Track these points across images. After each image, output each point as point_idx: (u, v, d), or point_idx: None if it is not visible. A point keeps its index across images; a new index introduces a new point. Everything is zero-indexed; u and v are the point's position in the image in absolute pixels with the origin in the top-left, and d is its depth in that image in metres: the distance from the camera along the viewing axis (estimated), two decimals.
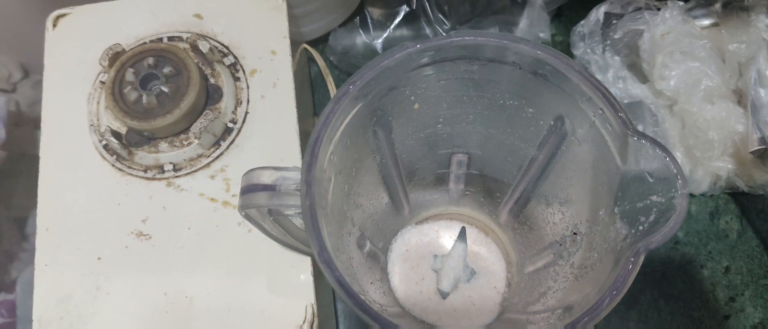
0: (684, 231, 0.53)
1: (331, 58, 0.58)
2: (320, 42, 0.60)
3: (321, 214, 0.29)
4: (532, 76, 0.32)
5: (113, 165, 0.43)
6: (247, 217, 0.32)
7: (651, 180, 0.28)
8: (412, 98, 0.34)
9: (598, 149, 0.31)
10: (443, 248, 0.47)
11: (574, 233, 0.36)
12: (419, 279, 0.45)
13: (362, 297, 0.31)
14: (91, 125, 0.45)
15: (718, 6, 0.55)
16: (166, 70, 0.42)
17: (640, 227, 0.28)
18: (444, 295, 0.44)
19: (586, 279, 0.32)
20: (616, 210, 0.31)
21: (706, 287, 0.51)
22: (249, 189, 0.31)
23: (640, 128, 0.53)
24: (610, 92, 0.29)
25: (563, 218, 0.38)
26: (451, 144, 0.40)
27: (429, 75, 0.33)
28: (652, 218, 0.28)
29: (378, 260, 0.44)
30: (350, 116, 0.31)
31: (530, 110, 0.35)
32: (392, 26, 0.54)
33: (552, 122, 0.34)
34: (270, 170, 0.31)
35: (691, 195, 0.53)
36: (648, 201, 0.29)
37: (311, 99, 0.57)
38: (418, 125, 0.37)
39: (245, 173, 0.31)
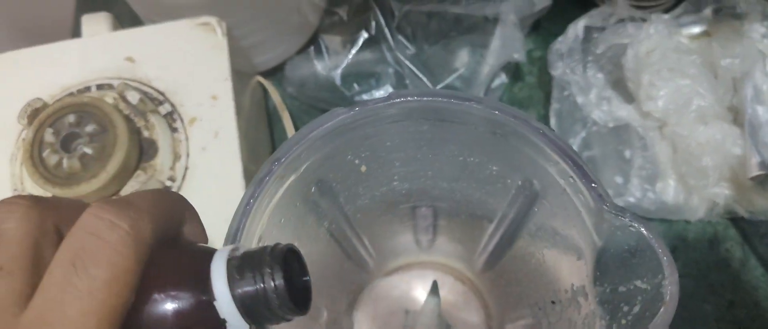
0: (682, 262, 0.48)
1: (289, 90, 0.53)
2: (278, 70, 0.55)
3: None
4: (491, 135, 0.27)
5: None
6: None
7: (634, 262, 0.24)
8: (357, 161, 0.30)
9: (572, 218, 0.27)
10: (416, 301, 0.42)
11: (552, 302, 0.32)
12: None
13: None
14: (15, 190, 0.40)
15: (708, 12, 0.50)
16: (89, 128, 0.38)
17: (623, 322, 0.24)
18: None
19: None
20: (595, 291, 0.26)
21: (709, 324, 0.46)
22: None
23: (627, 153, 0.48)
24: (581, 159, 0.24)
25: (541, 281, 0.34)
26: (411, 198, 0.36)
27: (372, 138, 0.28)
28: (636, 309, 0.23)
29: (340, 326, 0.39)
30: (279, 195, 0.27)
31: (494, 167, 0.30)
32: (351, 54, 0.49)
33: (520, 183, 0.29)
34: None
35: (687, 222, 0.49)
36: (631, 286, 0.24)
37: (269, 136, 0.52)
38: (370, 184, 0.33)
39: None
